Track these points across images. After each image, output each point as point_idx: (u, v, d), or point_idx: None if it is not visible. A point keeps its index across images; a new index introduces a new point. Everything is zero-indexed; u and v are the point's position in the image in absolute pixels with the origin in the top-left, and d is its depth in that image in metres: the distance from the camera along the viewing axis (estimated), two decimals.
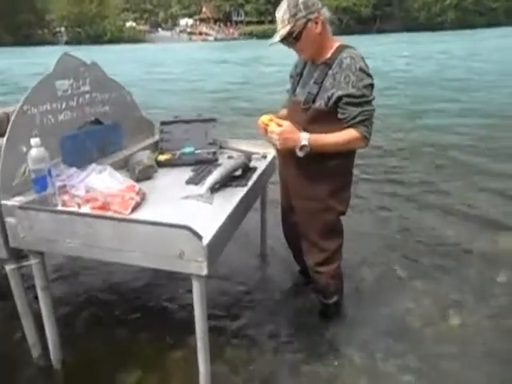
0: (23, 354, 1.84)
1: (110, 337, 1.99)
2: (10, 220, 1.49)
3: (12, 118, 1.51)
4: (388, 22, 58.63)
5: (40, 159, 1.47)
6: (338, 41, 1.71)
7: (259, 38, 55.56)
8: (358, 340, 1.96)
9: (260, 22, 63.63)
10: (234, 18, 67.08)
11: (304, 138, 1.57)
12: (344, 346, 1.92)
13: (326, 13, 1.64)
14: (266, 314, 2.16)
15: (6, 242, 1.52)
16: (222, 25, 65.59)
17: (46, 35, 57.94)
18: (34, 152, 1.46)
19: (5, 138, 1.49)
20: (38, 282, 1.62)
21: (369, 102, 1.60)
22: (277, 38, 1.62)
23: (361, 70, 1.58)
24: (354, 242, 2.64)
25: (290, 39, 1.62)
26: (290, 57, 1.85)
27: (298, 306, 2.22)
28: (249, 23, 64.43)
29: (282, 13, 1.59)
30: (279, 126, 1.59)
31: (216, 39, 58.37)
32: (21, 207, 1.46)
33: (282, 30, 1.60)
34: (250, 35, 58.13)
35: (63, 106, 1.76)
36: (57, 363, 1.79)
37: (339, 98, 1.59)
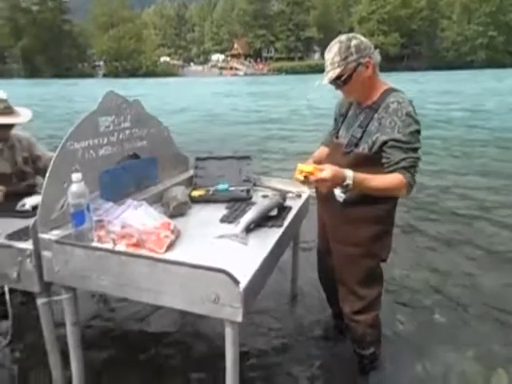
0: None
1: (135, 379, 1.93)
2: (46, 254, 1.48)
3: (55, 153, 1.54)
4: (416, 61, 59.38)
5: (80, 194, 1.47)
6: (386, 83, 1.67)
7: (288, 73, 56.98)
8: None
9: (290, 59, 65.54)
10: (265, 55, 69.34)
11: (348, 177, 1.48)
12: None
13: (377, 56, 1.60)
14: (296, 363, 2.04)
15: (41, 275, 1.51)
16: (252, 60, 67.76)
17: (85, 68, 61.55)
18: (74, 187, 1.47)
19: (47, 172, 1.51)
20: (69, 318, 1.59)
21: (415, 150, 1.53)
22: (325, 80, 1.58)
23: (407, 115, 1.52)
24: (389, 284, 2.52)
25: (339, 82, 1.58)
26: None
27: (331, 355, 2.09)
28: (279, 59, 66.37)
29: (332, 55, 1.55)
30: (321, 171, 1.47)
31: (246, 74, 60.14)
32: (57, 241, 1.46)
33: (331, 72, 1.56)
34: (280, 71, 59.67)
35: (104, 141, 1.79)
36: None
37: (384, 143, 1.54)
